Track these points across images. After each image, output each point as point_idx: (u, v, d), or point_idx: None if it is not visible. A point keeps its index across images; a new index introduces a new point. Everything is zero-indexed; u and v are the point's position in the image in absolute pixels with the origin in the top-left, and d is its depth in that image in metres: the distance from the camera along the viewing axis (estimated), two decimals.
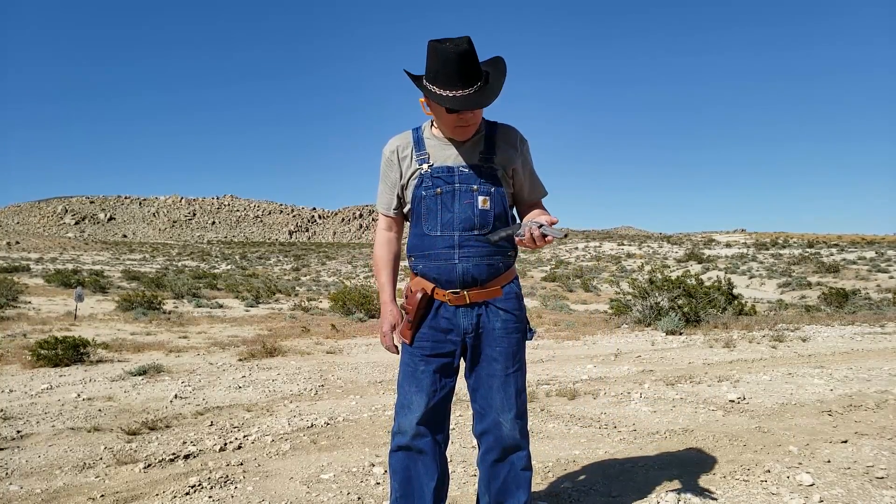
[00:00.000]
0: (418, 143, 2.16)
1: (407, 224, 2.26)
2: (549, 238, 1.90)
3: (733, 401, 4.72)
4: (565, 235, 1.93)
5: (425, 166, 2.12)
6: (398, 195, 2.21)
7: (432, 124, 2.17)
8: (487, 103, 2.00)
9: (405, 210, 2.21)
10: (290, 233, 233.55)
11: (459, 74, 1.92)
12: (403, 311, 2.19)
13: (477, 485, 2.34)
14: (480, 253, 2.09)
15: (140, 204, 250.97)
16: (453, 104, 1.96)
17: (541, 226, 1.91)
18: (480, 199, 2.08)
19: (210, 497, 2.91)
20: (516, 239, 1.97)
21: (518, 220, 2.21)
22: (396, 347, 2.23)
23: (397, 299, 2.26)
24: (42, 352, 6.71)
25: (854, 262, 40.11)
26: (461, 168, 2.10)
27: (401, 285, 2.77)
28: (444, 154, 2.12)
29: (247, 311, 16.99)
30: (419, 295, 2.12)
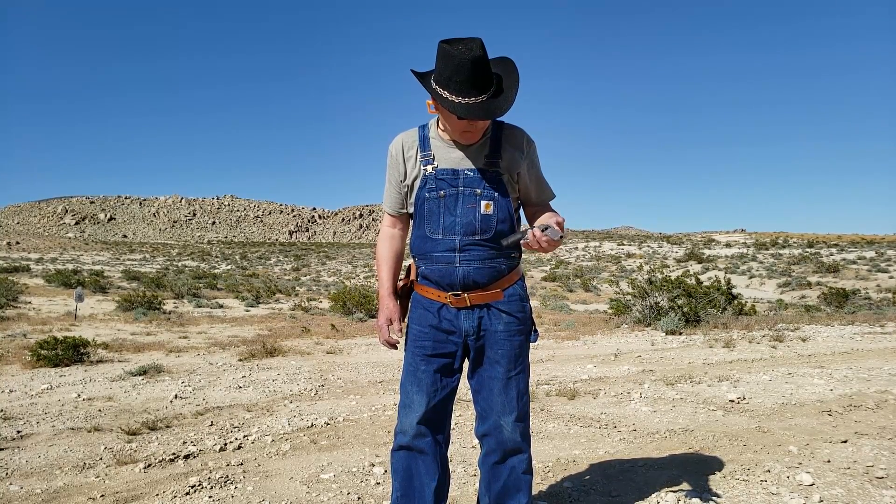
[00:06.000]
0: (424, 143, 2.13)
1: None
2: (554, 241, 1.88)
3: (733, 401, 4.72)
4: (561, 237, 1.92)
5: (429, 167, 2.10)
6: (404, 195, 2.19)
7: (438, 122, 2.13)
8: (501, 114, 1.96)
9: (410, 210, 2.20)
10: (290, 233, 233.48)
11: (472, 81, 1.88)
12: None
13: (477, 485, 2.34)
14: (482, 257, 2.07)
15: (140, 204, 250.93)
16: (467, 113, 1.91)
17: (545, 228, 1.89)
18: (483, 203, 2.06)
19: (210, 497, 2.91)
20: (522, 243, 1.96)
21: (525, 223, 2.19)
22: (390, 342, 2.20)
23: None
24: (42, 352, 6.71)
25: (854, 262, 40.09)
26: (466, 171, 2.08)
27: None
28: (450, 156, 2.09)
29: (247, 311, 16.98)
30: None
